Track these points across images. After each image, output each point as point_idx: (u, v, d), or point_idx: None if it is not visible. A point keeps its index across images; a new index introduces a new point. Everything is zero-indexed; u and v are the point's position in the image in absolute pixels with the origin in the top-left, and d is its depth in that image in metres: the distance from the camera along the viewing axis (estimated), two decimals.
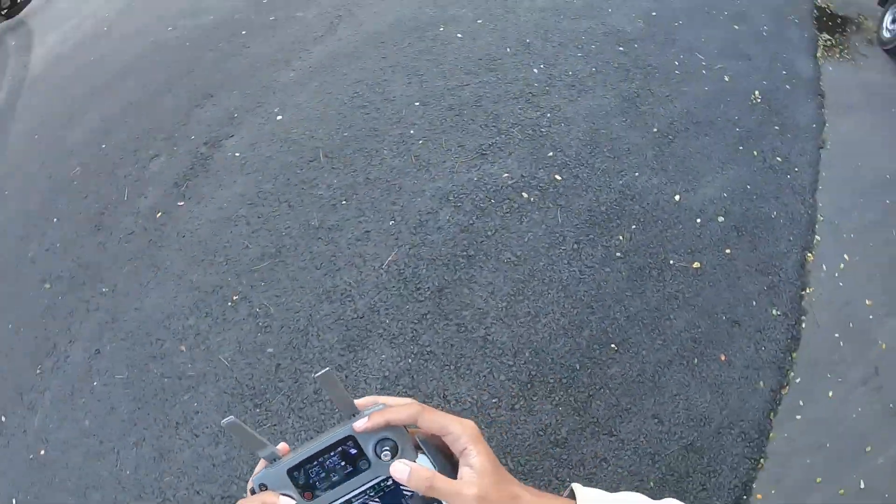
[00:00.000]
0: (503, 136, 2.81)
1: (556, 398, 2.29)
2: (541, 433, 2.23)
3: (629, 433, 2.32)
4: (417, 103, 2.92)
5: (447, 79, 3.01)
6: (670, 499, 0.62)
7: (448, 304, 2.42)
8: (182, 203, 2.98)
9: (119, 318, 2.66)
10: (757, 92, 3.55)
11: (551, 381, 2.32)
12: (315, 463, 0.56)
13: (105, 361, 2.57)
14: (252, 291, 2.59)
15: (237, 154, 3.05)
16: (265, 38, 3.65)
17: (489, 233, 2.53)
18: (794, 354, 2.81)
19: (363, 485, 0.57)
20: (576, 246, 2.59)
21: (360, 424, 0.55)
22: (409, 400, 0.58)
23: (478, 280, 2.44)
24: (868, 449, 2.83)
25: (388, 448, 0.56)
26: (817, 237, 3.16)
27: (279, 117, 3.11)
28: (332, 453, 0.56)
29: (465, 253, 2.48)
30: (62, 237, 3.04)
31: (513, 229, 2.55)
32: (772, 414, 2.64)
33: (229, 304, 2.59)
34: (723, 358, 2.62)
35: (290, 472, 0.56)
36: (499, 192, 2.61)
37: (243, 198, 2.86)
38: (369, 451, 0.56)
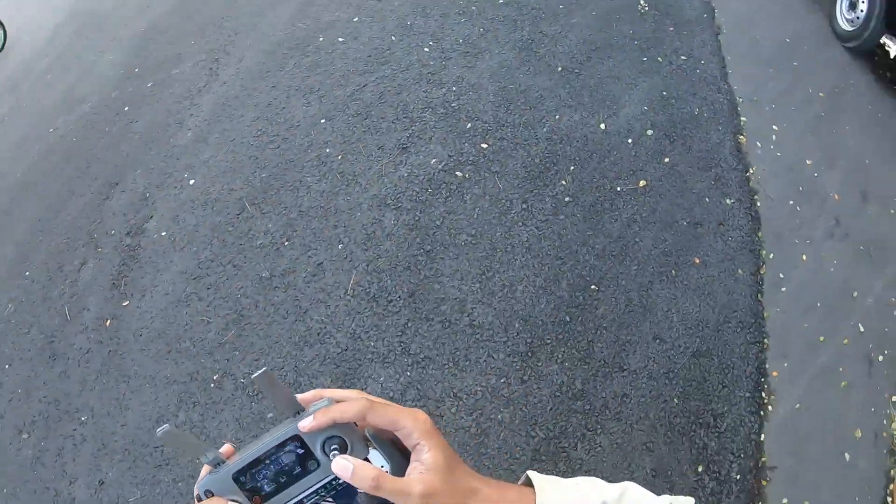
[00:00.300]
0: (417, 123, 2.76)
1: (560, 356, 2.28)
2: (558, 394, 2.22)
3: (638, 362, 2.33)
4: (323, 120, 2.83)
5: (344, 86, 2.92)
6: (628, 482, 0.61)
7: (424, 305, 2.36)
8: (126, 302, 2.82)
9: (109, 441, 2.52)
10: (642, 1, 3.59)
11: (549, 341, 2.30)
12: (261, 465, 0.53)
13: (113, 489, 2.44)
14: (230, 364, 2.48)
15: (163, 233, 2.91)
16: (150, 107, 3.47)
17: (437, 222, 2.48)
18: (759, 234, 2.87)
19: (314, 485, 0.54)
20: (524, 206, 2.57)
21: (304, 424, 0.51)
22: (355, 393, 0.55)
23: (444, 272, 2.40)
24: (855, 294, 2.94)
25: (336, 446, 0.52)
26: (742, 118, 3.23)
27: (191, 182, 2.97)
28: (278, 454, 0.53)
29: (421, 250, 2.43)
30: (20, 381, 2.86)
31: (459, 211, 2.51)
32: (759, 295, 2.70)
33: (212, 385, 2.48)
34: (697, 261, 2.66)
35: (235, 476, 0.52)
36: (433, 180, 2.56)
37: (185, 275, 2.73)
38: (317, 451, 0.53)
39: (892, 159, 3.47)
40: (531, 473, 0.58)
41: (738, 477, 2.35)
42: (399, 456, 0.54)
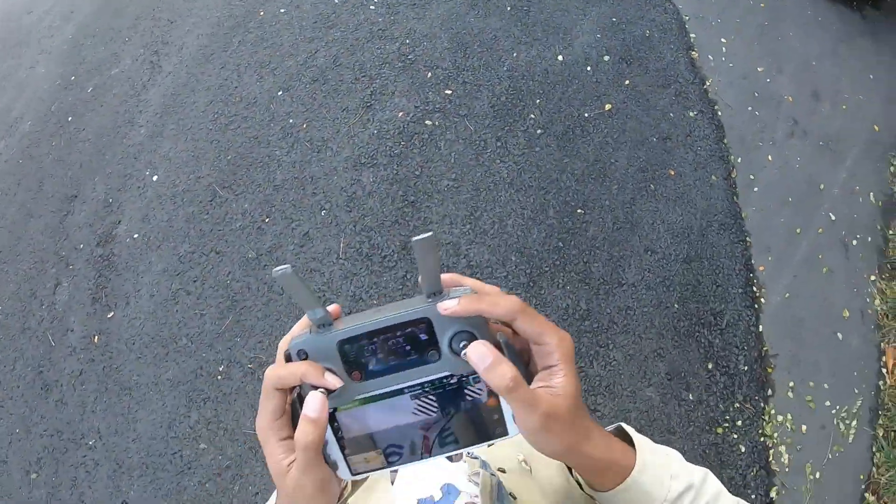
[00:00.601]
0: (377, 80, 2.71)
1: (560, 280, 2.31)
2: (566, 317, 2.25)
3: (635, 275, 2.38)
4: (280, 92, 2.76)
5: (295, 55, 2.85)
6: (706, 469, 0.59)
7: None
8: (111, 314, 2.72)
9: (123, 459, 2.45)
10: None
11: (547, 269, 2.33)
12: (375, 340, 0.47)
13: None
14: (233, 353, 2.43)
15: (135, 236, 2.81)
16: (94, 112, 3.32)
17: (416, 172, 2.46)
18: (725, 141, 2.95)
19: (423, 377, 0.49)
20: (499, 143, 2.57)
21: (448, 305, 0.45)
22: (496, 290, 0.50)
23: (432, 219, 2.39)
24: (821, 187, 3.06)
25: (465, 342, 0.47)
26: (692, 35, 3.29)
27: (155, 178, 2.87)
28: (398, 332, 0.47)
29: (406, 202, 2.41)
30: (17, 420, 2.73)
31: (436, 158, 2.50)
32: (734, 197, 2.78)
33: (219, 377, 2.43)
34: (672, 173, 2.72)
35: (341, 343, 0.47)
36: (404, 133, 2.54)
37: (168, 272, 2.65)
38: (443, 342, 0.47)
39: (835, 58, 3.60)
40: (626, 427, 0.56)
41: (746, 368, 2.44)
42: (526, 371, 0.49)
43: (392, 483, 0.84)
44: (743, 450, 2.32)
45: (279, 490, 0.51)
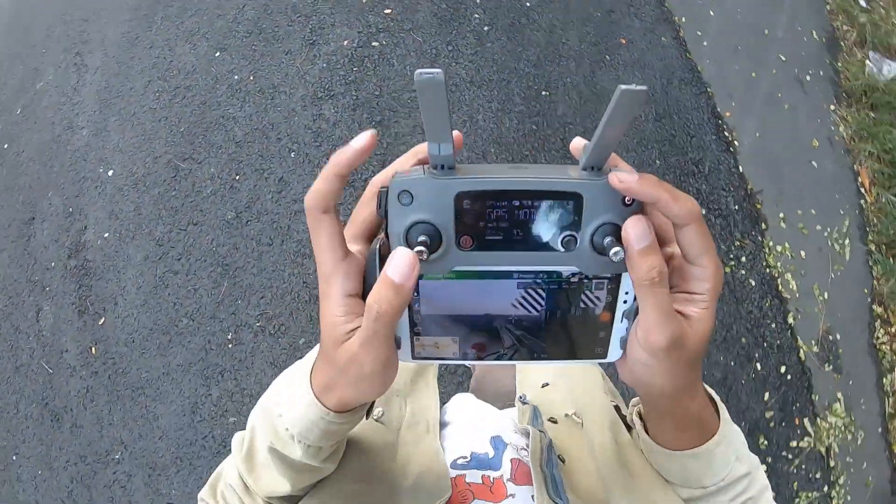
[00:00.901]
0: (314, 17, 2.64)
1: (543, 160, 2.32)
2: None
3: None
4: (218, 53, 2.67)
5: (223, 15, 2.75)
6: (757, 458, 0.56)
7: None
8: (102, 320, 2.62)
9: (156, 461, 2.38)
10: None
11: (527, 152, 2.33)
12: (504, 204, 0.37)
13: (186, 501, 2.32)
14: (238, 316, 2.37)
15: (105, 235, 2.70)
16: (30, 130, 3.16)
17: (376, 93, 2.42)
18: (667, 4, 2.98)
19: (545, 265, 0.40)
20: (450, 48, 2.54)
21: (625, 179, 0.36)
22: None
23: (402, 132, 2.36)
24: (766, 32, 3.12)
25: (611, 237, 0.38)
26: None
27: (110, 173, 2.76)
28: (535, 203, 0.37)
29: (372, 122, 2.37)
30: (36, 461, 2.61)
31: (392, 75, 2.46)
32: (687, 54, 2.82)
33: (230, 346, 2.37)
34: (623, 41, 2.74)
35: (461, 196, 0.37)
36: (354, 59, 2.49)
37: (149, 259, 2.56)
38: (586, 231, 0.38)
39: None
40: (711, 391, 0.51)
41: (737, 207, 2.50)
42: None
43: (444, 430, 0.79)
44: (753, 283, 2.38)
45: (327, 360, 0.43)
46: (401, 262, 0.36)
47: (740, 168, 2.58)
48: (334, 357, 0.41)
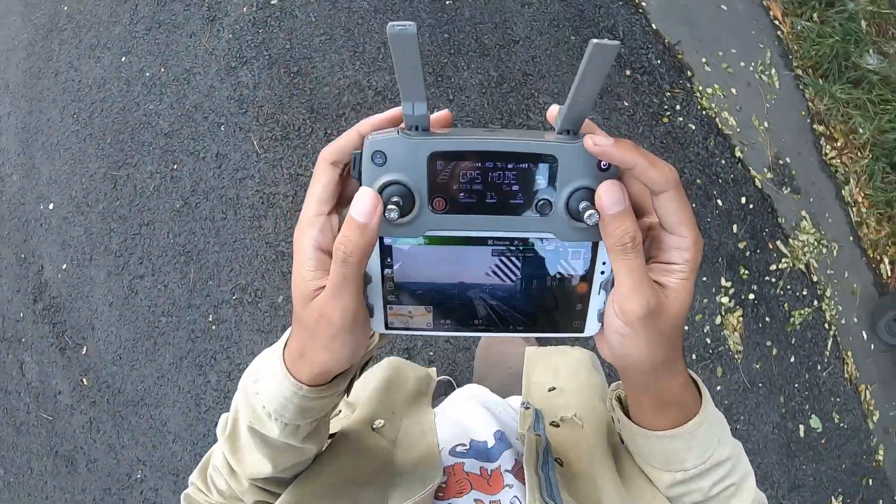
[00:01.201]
0: None
1: (462, 64, 2.36)
2: (484, 90, 2.31)
3: (524, 29, 2.45)
4: (124, 58, 2.64)
5: (119, 20, 2.71)
6: (740, 444, 0.55)
7: (328, 109, 2.33)
8: (84, 349, 2.57)
9: (176, 467, 2.39)
10: None
11: (446, 60, 2.36)
12: (478, 165, 0.37)
13: None
14: (213, 297, 2.35)
15: (63, 266, 2.65)
16: None
17: (287, 46, 2.42)
18: None
19: (519, 231, 0.39)
20: None
21: (601, 142, 0.36)
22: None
23: (322, 75, 2.36)
24: None
25: (587, 203, 0.37)
26: None
27: (51, 206, 2.71)
28: (510, 165, 0.37)
29: (291, 74, 2.37)
30: None
31: (298, 26, 2.44)
32: None
33: (213, 328, 2.35)
34: None
35: (435, 156, 0.36)
36: (257, 22, 2.48)
37: (112, 274, 2.53)
38: (561, 195, 0.38)
39: None
40: (693, 374, 0.50)
41: (659, 62, 2.55)
42: None
43: (432, 407, 0.81)
44: (693, 127, 2.44)
45: (298, 323, 0.42)
46: (363, 202, 0.36)
47: (653, 25, 2.64)
48: (304, 317, 0.40)
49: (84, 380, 2.59)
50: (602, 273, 0.42)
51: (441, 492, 0.57)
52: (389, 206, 0.36)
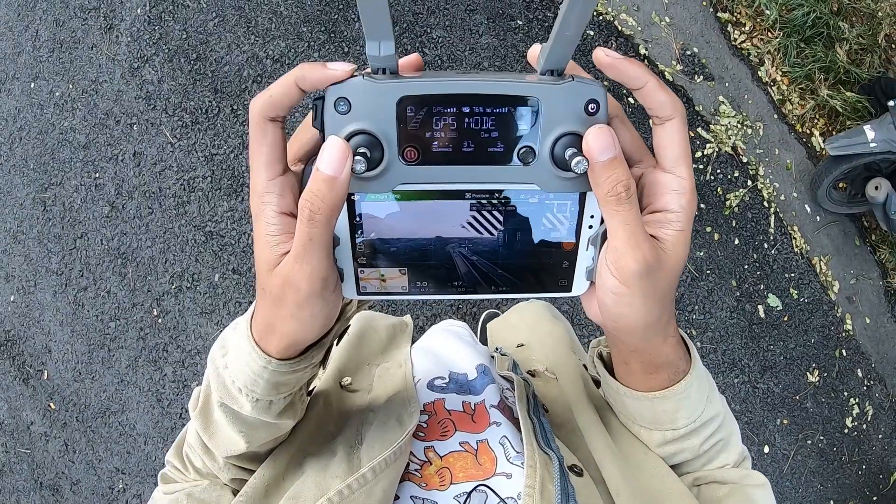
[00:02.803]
0: (102, 4, 2.58)
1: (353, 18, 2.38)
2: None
3: None
4: (33, 84, 2.66)
5: (21, 49, 2.73)
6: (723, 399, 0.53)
7: (231, 86, 2.35)
8: (45, 373, 2.58)
9: (153, 467, 2.40)
10: None
11: (353, 19, 2.39)
12: (452, 110, 0.33)
13: None
14: (153, 290, 2.36)
15: (11, 299, 2.66)
16: None
17: (184, 36, 2.43)
18: None
19: (500, 182, 0.36)
20: None
21: (613, 53, 0.33)
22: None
23: (219, 55, 2.39)
24: None
25: (575, 150, 0.34)
26: None
27: None
28: (488, 109, 0.33)
29: (192, 61, 2.40)
30: None
31: (190, 15, 2.44)
32: None
33: (159, 320, 2.36)
34: None
35: (405, 101, 0.33)
36: (152, 19, 2.50)
37: (57, 293, 2.53)
38: (546, 141, 0.34)
39: None
40: (683, 333, 0.48)
41: None
42: None
43: (412, 342, 0.76)
44: (592, 33, 2.46)
45: (263, 293, 0.38)
46: (331, 152, 0.32)
47: None
48: (269, 285, 0.37)
49: (51, 404, 2.59)
50: (590, 227, 0.39)
51: (422, 431, 0.53)
52: (356, 158, 0.32)
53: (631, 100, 2.34)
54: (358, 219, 0.37)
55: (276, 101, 0.34)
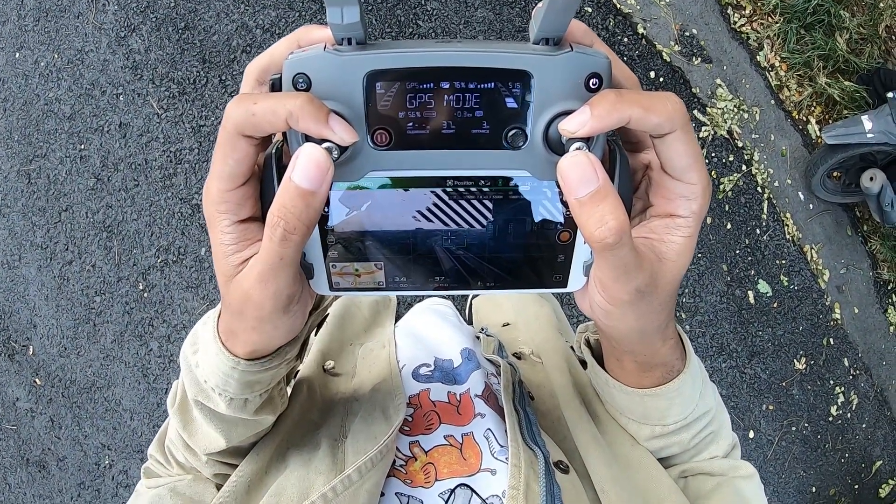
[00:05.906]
0: None
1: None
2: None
3: None
4: (17, 54, 2.60)
5: (6, 20, 2.67)
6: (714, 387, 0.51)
7: (218, 56, 2.31)
8: (31, 349, 2.55)
9: (139, 444, 2.40)
10: None
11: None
12: (429, 87, 0.29)
13: None
14: (139, 265, 2.33)
15: None
16: None
17: (172, 4, 2.38)
18: None
19: (486, 168, 0.31)
20: None
21: (574, 122, 0.28)
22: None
23: (208, 23, 2.33)
24: None
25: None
26: None
27: None
28: (471, 85, 0.29)
29: (180, 30, 2.34)
30: None
31: None
32: None
33: (145, 294, 2.33)
34: None
35: (373, 76, 0.28)
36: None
37: (42, 267, 2.50)
38: (539, 122, 0.30)
39: None
40: (681, 330, 0.46)
41: None
42: (629, 203, 0.34)
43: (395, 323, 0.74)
44: (590, 10, 2.42)
45: (223, 299, 0.35)
46: (308, 163, 0.28)
47: None
48: (229, 297, 0.34)
49: (36, 380, 2.57)
50: None
51: (407, 426, 0.52)
52: (325, 144, 0.28)
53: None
54: (327, 209, 0.33)
55: (257, 123, 0.28)
